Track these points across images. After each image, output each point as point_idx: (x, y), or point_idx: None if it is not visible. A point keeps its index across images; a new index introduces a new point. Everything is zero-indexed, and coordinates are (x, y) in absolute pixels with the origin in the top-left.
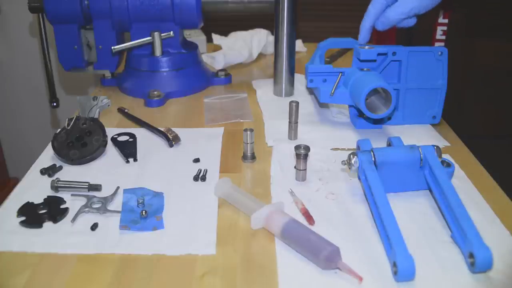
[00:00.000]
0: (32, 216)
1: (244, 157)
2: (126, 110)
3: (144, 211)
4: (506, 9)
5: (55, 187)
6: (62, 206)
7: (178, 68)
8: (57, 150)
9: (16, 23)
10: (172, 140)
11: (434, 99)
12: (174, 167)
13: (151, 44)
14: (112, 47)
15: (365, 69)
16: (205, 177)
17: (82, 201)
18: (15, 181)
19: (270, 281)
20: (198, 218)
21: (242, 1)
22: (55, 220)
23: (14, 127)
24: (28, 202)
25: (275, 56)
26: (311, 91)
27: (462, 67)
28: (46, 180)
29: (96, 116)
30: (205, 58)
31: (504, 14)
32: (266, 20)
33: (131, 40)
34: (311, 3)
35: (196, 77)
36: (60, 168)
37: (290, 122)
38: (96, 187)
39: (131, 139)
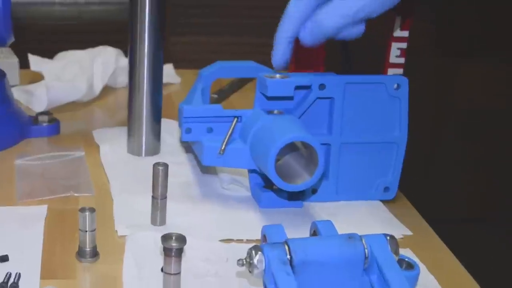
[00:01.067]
0: None
1: (81, 253)
2: None
3: None
4: (497, 15)
5: None
6: None
7: None
8: None
9: None
10: None
11: (387, 160)
12: None
13: None
14: None
15: (275, 111)
16: (17, 285)
17: None
18: None
19: None
20: None
21: (76, 2)
22: None
23: None
24: None
25: (130, 91)
26: (188, 147)
27: (433, 107)
28: None
29: None
30: (17, 93)
31: (496, 21)
32: (116, 31)
33: None
34: (188, 5)
35: (3, 125)
36: None
37: (154, 198)
38: None
39: None
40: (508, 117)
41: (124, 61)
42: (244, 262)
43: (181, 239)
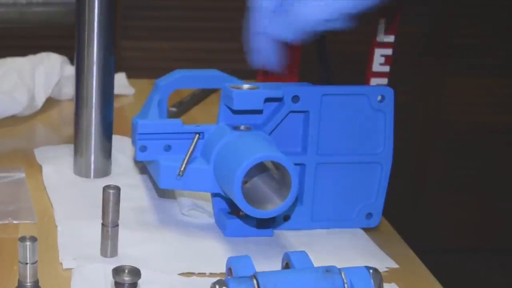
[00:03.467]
0: None
1: None
2: None
3: None
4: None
5: None
6: None
7: None
8: None
9: None
10: None
11: (370, 183)
12: None
13: None
14: None
15: (242, 127)
16: None
17: None
18: None
19: None
20: None
21: (16, 2)
22: None
23: None
24: None
25: (77, 104)
26: (143, 167)
27: (421, 121)
28: None
29: None
30: None
31: (494, 27)
32: (61, 36)
33: None
34: (142, 6)
35: None
36: None
37: (104, 225)
38: None
39: None
40: (503, 131)
41: (70, 70)
42: None
43: (135, 273)
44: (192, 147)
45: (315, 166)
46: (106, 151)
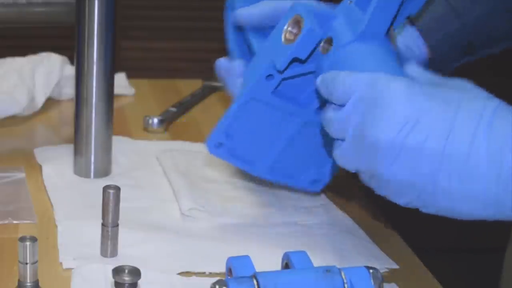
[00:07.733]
0: None
1: None
2: None
3: None
4: None
5: None
6: None
7: None
8: None
9: None
10: None
11: None
12: None
13: None
14: None
15: None
16: None
17: None
18: None
19: None
20: None
21: (16, 2)
22: None
23: None
24: None
25: (77, 104)
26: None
27: None
28: None
29: None
30: None
31: None
32: (62, 36)
33: None
34: (142, 6)
35: None
36: None
37: (104, 225)
38: None
39: None
40: None
41: (70, 70)
42: None
43: (135, 273)
44: None
45: None
46: (106, 151)
